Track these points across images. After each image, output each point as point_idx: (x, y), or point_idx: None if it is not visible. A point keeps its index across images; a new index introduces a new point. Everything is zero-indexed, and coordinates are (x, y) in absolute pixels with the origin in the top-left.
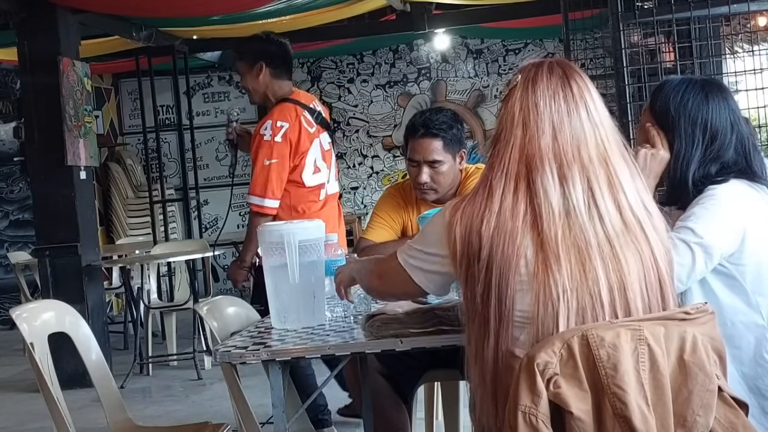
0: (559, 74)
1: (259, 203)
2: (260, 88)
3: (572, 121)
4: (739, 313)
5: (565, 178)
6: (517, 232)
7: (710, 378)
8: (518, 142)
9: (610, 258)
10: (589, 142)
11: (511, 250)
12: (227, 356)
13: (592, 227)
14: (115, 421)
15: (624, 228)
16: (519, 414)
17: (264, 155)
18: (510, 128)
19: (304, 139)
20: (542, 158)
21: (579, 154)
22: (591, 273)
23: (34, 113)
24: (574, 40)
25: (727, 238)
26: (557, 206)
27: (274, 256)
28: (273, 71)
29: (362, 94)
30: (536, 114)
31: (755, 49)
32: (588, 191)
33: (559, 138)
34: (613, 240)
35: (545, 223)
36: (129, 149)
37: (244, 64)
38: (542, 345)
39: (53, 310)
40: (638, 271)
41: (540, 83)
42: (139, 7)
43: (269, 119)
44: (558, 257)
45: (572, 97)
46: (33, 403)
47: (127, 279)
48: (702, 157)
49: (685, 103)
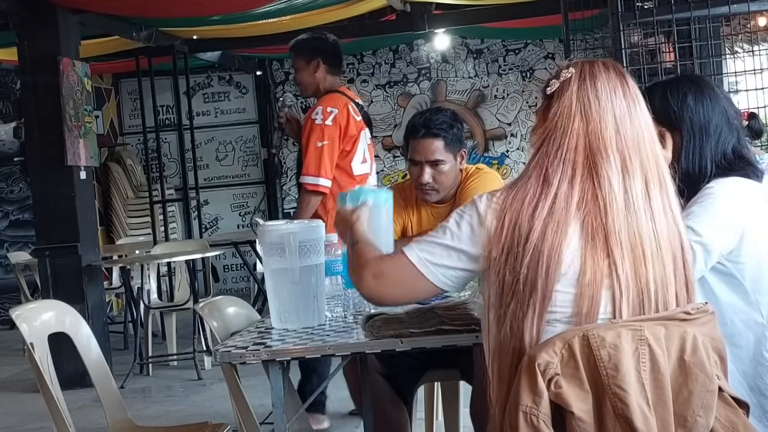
0: (616, 71)
1: (314, 182)
2: (314, 82)
3: (632, 117)
4: (738, 311)
5: (627, 171)
6: (570, 220)
7: (710, 378)
8: (580, 132)
9: (657, 258)
10: (647, 140)
11: (561, 237)
12: (227, 356)
13: (646, 224)
14: (115, 421)
15: (667, 229)
16: (520, 414)
17: (316, 138)
18: (568, 119)
19: (352, 125)
20: (606, 149)
21: (639, 150)
22: (642, 268)
23: (34, 113)
24: (574, 40)
25: (726, 236)
26: (621, 198)
27: (274, 256)
28: (328, 68)
29: (362, 94)
30: (598, 106)
31: (755, 49)
32: (644, 188)
33: (621, 131)
34: (661, 240)
35: (610, 212)
36: (129, 149)
37: (301, 59)
38: (543, 345)
39: (53, 310)
40: (674, 274)
41: (599, 78)
42: (139, 7)
43: (320, 105)
44: (613, 248)
45: (630, 94)
46: (33, 403)
47: (127, 279)
48: (715, 144)
49: (683, 99)
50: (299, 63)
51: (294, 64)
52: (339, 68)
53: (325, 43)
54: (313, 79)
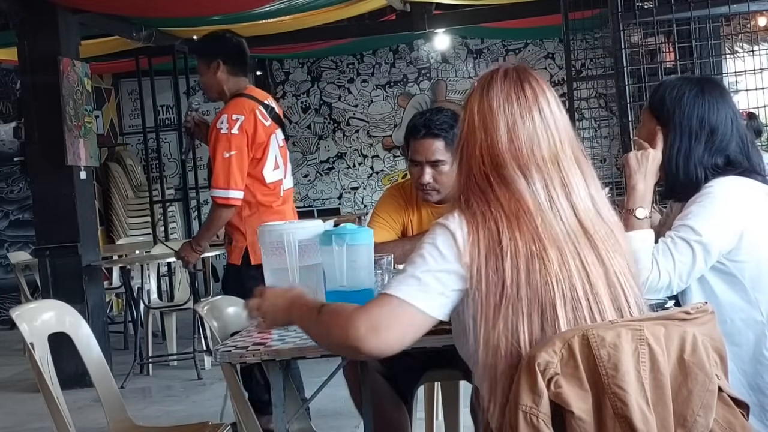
0: (513, 78)
1: (224, 195)
2: (216, 84)
3: (525, 123)
4: (738, 310)
5: (525, 176)
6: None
7: (710, 378)
8: (482, 144)
9: (574, 255)
10: (542, 143)
11: (527, 233)
12: (227, 356)
13: (557, 223)
14: (115, 421)
15: (580, 229)
16: (520, 414)
17: (223, 148)
18: (472, 132)
19: (260, 132)
20: (504, 157)
21: (533, 155)
22: (567, 264)
23: (34, 113)
24: (574, 40)
25: (726, 235)
26: (529, 199)
27: (274, 256)
28: (229, 68)
29: (362, 94)
30: (491, 116)
31: (755, 49)
32: (545, 190)
33: (515, 139)
34: (574, 239)
35: (528, 212)
36: (129, 149)
37: (201, 62)
38: (543, 344)
39: (53, 310)
40: (598, 273)
41: (494, 87)
42: (139, 7)
43: (224, 113)
44: (545, 246)
45: (525, 100)
46: (33, 403)
47: (127, 279)
48: (705, 150)
49: (680, 97)
50: (200, 65)
51: (197, 67)
52: (243, 69)
53: (225, 43)
54: (216, 81)
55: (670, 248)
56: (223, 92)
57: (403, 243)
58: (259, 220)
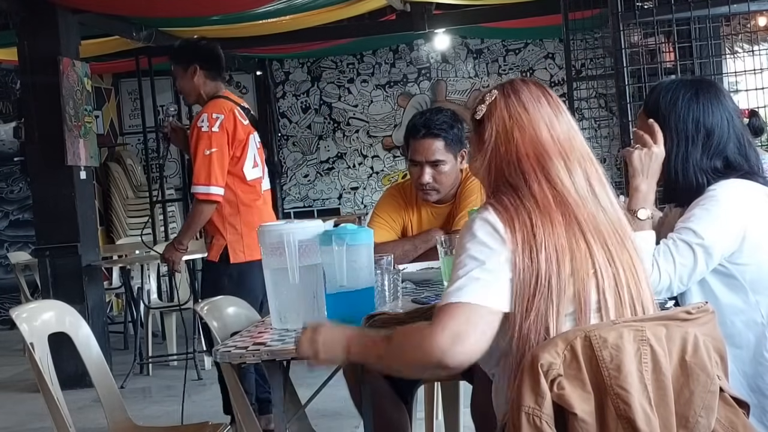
0: (536, 85)
1: (205, 191)
2: (194, 89)
3: (560, 120)
4: (738, 312)
5: (569, 168)
6: (554, 212)
7: (712, 379)
8: (519, 143)
9: (617, 246)
10: (578, 138)
11: (559, 227)
12: (227, 356)
13: (600, 214)
14: (115, 421)
15: (620, 224)
16: (522, 415)
17: (204, 146)
18: (505, 134)
19: (240, 130)
20: (547, 151)
21: (574, 148)
22: (608, 252)
23: (34, 113)
24: (574, 40)
25: (727, 238)
26: (572, 190)
27: (274, 256)
28: (206, 73)
29: (362, 94)
30: (528, 116)
31: (755, 49)
32: (587, 182)
33: (554, 134)
34: (616, 230)
35: (573, 205)
36: (129, 149)
37: (178, 67)
38: (545, 346)
39: (53, 310)
40: (639, 263)
41: (522, 92)
42: (139, 7)
43: (204, 112)
44: (584, 238)
45: (554, 100)
46: (33, 403)
47: (127, 279)
48: (703, 153)
49: (674, 100)
50: (177, 70)
51: (173, 72)
52: (219, 73)
53: (201, 48)
54: (193, 86)
55: (672, 250)
56: (200, 96)
57: (403, 243)
58: (239, 218)
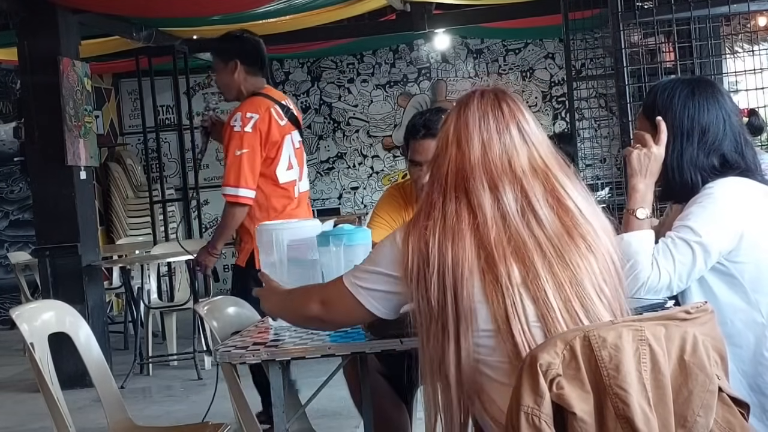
0: (491, 98)
1: (233, 193)
2: (234, 84)
3: (502, 137)
4: (738, 311)
5: (495, 187)
6: (464, 232)
7: (710, 378)
8: (453, 159)
9: (556, 257)
10: (521, 156)
11: (461, 250)
12: (227, 356)
13: (529, 230)
14: (115, 421)
15: (565, 233)
16: (522, 414)
17: (235, 146)
18: (445, 148)
19: (274, 131)
20: (473, 170)
21: (510, 167)
22: (531, 270)
23: (34, 113)
24: (574, 40)
25: (726, 236)
26: (489, 212)
27: (269, 254)
28: (247, 68)
29: (362, 94)
30: (467, 132)
31: (755, 49)
32: (522, 199)
33: (488, 153)
34: (555, 242)
35: (481, 226)
36: (129, 149)
37: (219, 61)
38: (544, 346)
39: (53, 310)
40: (587, 273)
41: (471, 106)
42: (139, 7)
43: (239, 111)
44: (497, 257)
45: (503, 117)
46: (33, 403)
47: (127, 279)
48: (698, 150)
49: (671, 98)
50: (218, 65)
51: (213, 67)
52: (260, 69)
53: (243, 43)
54: (233, 82)
55: (670, 249)
56: (240, 92)
57: None
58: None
